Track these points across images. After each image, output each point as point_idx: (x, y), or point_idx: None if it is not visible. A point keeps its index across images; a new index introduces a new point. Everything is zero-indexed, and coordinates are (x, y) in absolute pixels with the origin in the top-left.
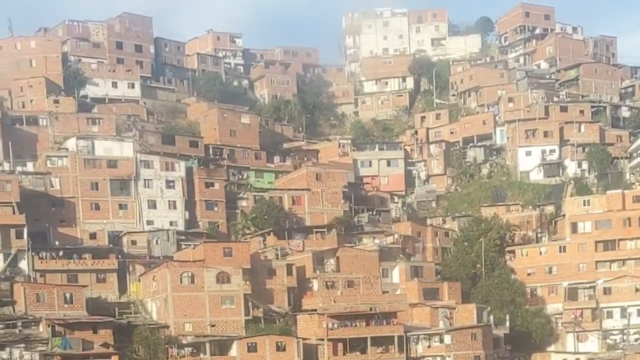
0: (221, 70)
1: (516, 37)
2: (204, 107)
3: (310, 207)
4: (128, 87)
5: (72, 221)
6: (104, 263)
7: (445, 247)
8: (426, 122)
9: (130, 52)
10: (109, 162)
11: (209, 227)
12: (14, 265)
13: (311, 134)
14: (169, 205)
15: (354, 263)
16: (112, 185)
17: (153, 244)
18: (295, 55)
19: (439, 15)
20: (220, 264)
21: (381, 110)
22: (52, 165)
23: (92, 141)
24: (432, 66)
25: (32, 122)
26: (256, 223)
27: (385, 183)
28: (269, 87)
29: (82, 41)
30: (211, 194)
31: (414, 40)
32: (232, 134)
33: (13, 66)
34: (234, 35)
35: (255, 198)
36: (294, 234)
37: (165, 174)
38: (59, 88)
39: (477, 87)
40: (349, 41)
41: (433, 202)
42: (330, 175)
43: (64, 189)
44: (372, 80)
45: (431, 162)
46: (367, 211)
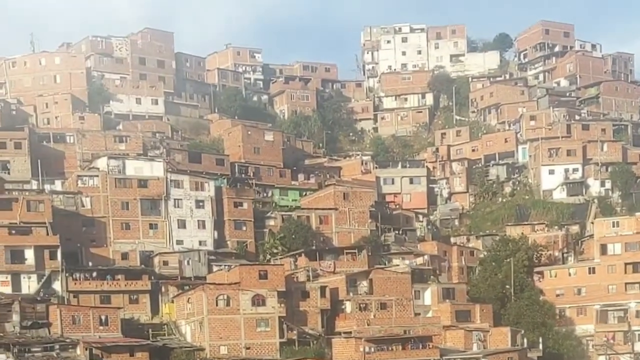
0: (241, 85)
1: (536, 55)
2: (227, 124)
3: (337, 226)
4: (152, 103)
5: (102, 241)
6: (137, 284)
7: (471, 266)
8: (446, 139)
9: (153, 67)
10: (140, 182)
11: (238, 247)
12: (48, 287)
13: (330, 149)
14: (198, 225)
15: (387, 285)
16: (143, 205)
17: (184, 264)
18: (314, 70)
19: (458, 32)
20: (255, 287)
21: (401, 126)
22: (83, 185)
23: (123, 161)
24: (451, 83)
25: (60, 140)
26: (284, 242)
27: (408, 201)
28: (288, 103)
29: (105, 57)
30: (240, 214)
31: (433, 56)
32: (256, 151)
33: (37, 82)
34: (254, 50)
35: (283, 217)
36: (325, 255)
37: (195, 194)
38: (83, 104)
39: (497, 105)
40: (367, 57)
41: (456, 220)
42: (357, 194)
43: (94, 209)
44: (391, 96)
45: (453, 179)
46: (393, 230)
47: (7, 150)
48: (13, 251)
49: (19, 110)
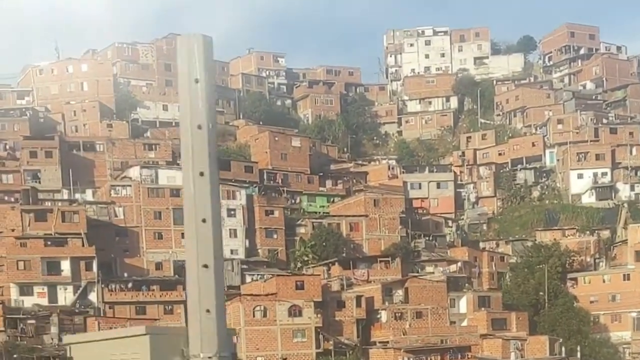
0: (265, 90)
1: (561, 57)
2: (253, 130)
3: (367, 233)
4: (178, 109)
5: (135, 251)
6: (171, 294)
7: (501, 271)
8: (472, 143)
9: None
10: (172, 191)
11: (269, 255)
12: (84, 298)
13: (355, 153)
14: (229, 234)
15: (422, 294)
16: (175, 214)
17: None
18: (337, 74)
19: (482, 34)
20: (292, 297)
21: (425, 129)
22: (116, 195)
23: (156, 170)
24: (475, 86)
25: (89, 148)
26: (315, 250)
27: (435, 205)
28: (312, 107)
29: (131, 63)
30: (271, 222)
31: (456, 59)
32: (283, 157)
33: (64, 89)
34: (277, 55)
35: (314, 225)
36: (359, 264)
37: (227, 202)
38: (111, 112)
39: (523, 108)
40: (390, 60)
41: (484, 225)
42: (388, 201)
43: (127, 219)
44: (415, 100)
45: (481, 184)
46: (424, 236)
47: (37, 160)
48: (49, 262)
49: (47, 118)
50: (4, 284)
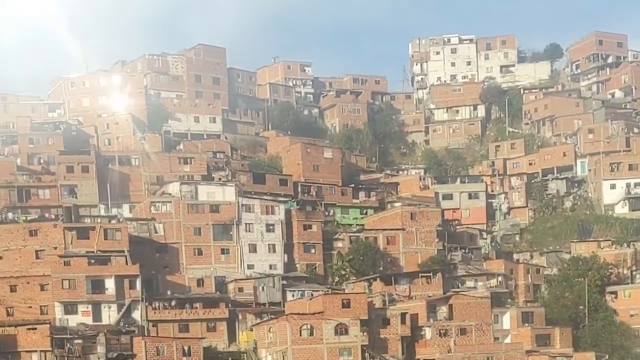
0: (292, 99)
1: (589, 65)
2: (284, 141)
3: (404, 246)
4: (210, 121)
5: (175, 267)
6: (214, 312)
7: (537, 284)
8: (501, 152)
9: (208, 84)
10: (212, 207)
11: (307, 270)
12: (128, 316)
13: (382, 163)
14: (268, 249)
15: (466, 310)
16: (215, 230)
17: (259, 290)
18: (364, 83)
19: (508, 42)
20: (338, 316)
21: (452, 138)
22: (156, 211)
23: (195, 186)
24: (503, 94)
25: (125, 162)
26: (353, 264)
27: (467, 216)
28: (339, 116)
29: (161, 74)
30: (309, 236)
31: (482, 67)
32: (315, 168)
33: (96, 102)
34: (304, 64)
35: (351, 239)
36: (400, 279)
37: (266, 218)
38: (144, 124)
39: (552, 117)
40: (416, 68)
41: (517, 236)
42: (425, 214)
43: (167, 235)
44: (442, 108)
45: (512, 194)
46: (460, 249)
47: (74, 175)
48: (94, 281)
49: (80, 131)
50: (48, 302)
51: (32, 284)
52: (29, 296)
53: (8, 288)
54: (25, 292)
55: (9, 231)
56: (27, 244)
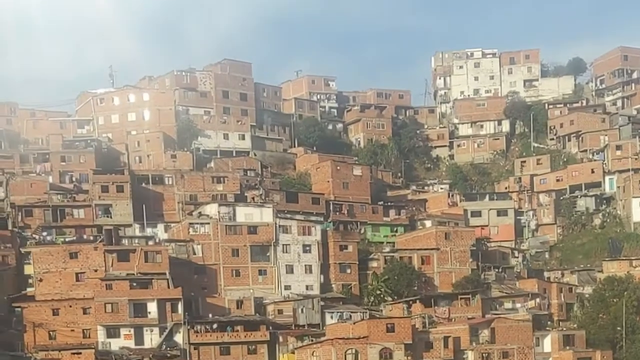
0: (317, 114)
1: (614, 80)
2: (313, 158)
3: (439, 266)
4: (239, 138)
5: (213, 288)
6: (255, 335)
7: (570, 302)
8: (527, 168)
9: (236, 100)
10: (250, 228)
11: (343, 290)
12: (170, 339)
13: (407, 177)
14: (305, 270)
15: (508, 333)
16: (252, 251)
17: (298, 312)
18: (387, 97)
19: (532, 57)
20: (383, 340)
21: (477, 153)
22: (194, 232)
23: (234, 207)
24: (527, 109)
25: (158, 181)
26: (388, 284)
27: (495, 233)
28: (364, 131)
29: (189, 91)
30: (345, 257)
31: (506, 81)
32: (345, 186)
33: (125, 119)
34: (328, 79)
35: (386, 259)
36: (439, 301)
37: (303, 238)
38: (174, 142)
39: (578, 132)
40: (439, 82)
41: (546, 253)
42: (459, 233)
43: (206, 256)
44: (467, 123)
45: (541, 211)
46: (493, 268)
47: (109, 194)
48: (136, 304)
49: (110, 148)
50: (90, 326)
51: (74, 307)
52: (72, 320)
53: (50, 311)
54: (68, 315)
55: (49, 253)
56: (67, 267)
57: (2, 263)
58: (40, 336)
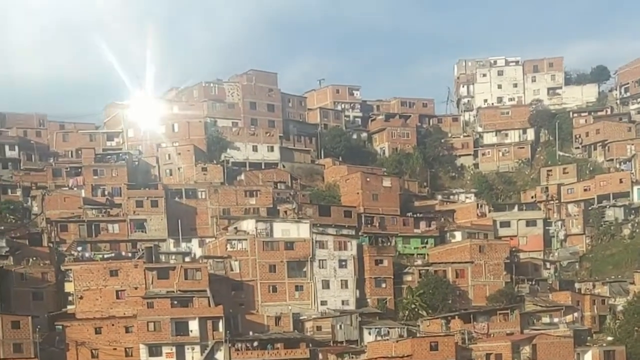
0: (342, 124)
1: (639, 89)
2: (341, 170)
3: (473, 279)
4: (268, 150)
5: (250, 305)
6: (295, 352)
7: (602, 314)
8: (553, 177)
9: (263, 111)
10: (286, 244)
11: (378, 305)
12: (211, 357)
13: (432, 187)
14: (341, 285)
15: (550, 350)
16: (289, 267)
17: (337, 328)
18: (411, 106)
19: (556, 65)
20: (426, 358)
21: (502, 162)
22: (231, 249)
23: (271, 223)
24: (552, 117)
25: (191, 195)
26: (423, 299)
27: (524, 244)
28: (389, 140)
29: (217, 102)
30: (380, 271)
31: (529, 89)
32: (374, 197)
33: (154, 131)
34: (353, 88)
35: (420, 272)
36: (478, 316)
37: (339, 254)
38: (204, 154)
39: (604, 141)
40: (462, 90)
41: (576, 264)
42: (493, 246)
43: (243, 272)
44: (491, 132)
45: (569, 221)
46: (527, 281)
47: (143, 209)
48: (178, 323)
49: (141, 161)
50: (133, 344)
51: (116, 325)
52: (114, 338)
53: (93, 330)
54: (110, 334)
55: (89, 271)
56: (107, 284)
57: (42, 280)
58: (83, 355)
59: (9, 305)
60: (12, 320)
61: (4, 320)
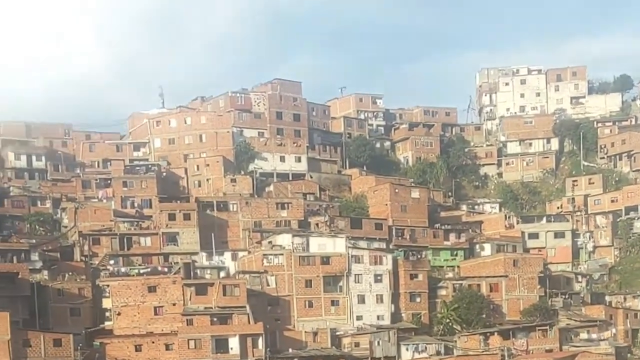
0: (365, 133)
1: None
2: (369, 181)
3: (507, 293)
4: (295, 160)
5: (287, 320)
6: None
7: (636, 328)
8: (578, 187)
9: (289, 121)
10: (323, 259)
11: (413, 319)
12: None
13: (456, 196)
14: (376, 300)
15: None
16: (325, 282)
17: (375, 344)
18: (434, 115)
19: (579, 74)
20: None
21: (526, 172)
22: (268, 263)
23: (307, 238)
24: (576, 127)
25: (223, 208)
26: (458, 313)
27: (552, 255)
28: (412, 149)
29: (244, 112)
30: (415, 285)
31: (552, 98)
32: (403, 209)
33: (182, 141)
34: (376, 96)
35: (455, 287)
36: (517, 332)
37: (374, 268)
38: (232, 165)
39: (629, 152)
40: (485, 99)
41: (605, 276)
42: (527, 260)
43: (279, 287)
44: (515, 141)
45: (598, 232)
46: (561, 294)
47: (176, 222)
48: (218, 340)
49: (169, 172)
50: None
51: (157, 343)
52: (154, 356)
53: (133, 347)
54: (150, 351)
55: (127, 287)
56: (145, 300)
57: (79, 295)
58: None
59: (46, 321)
60: (54, 338)
61: (46, 339)
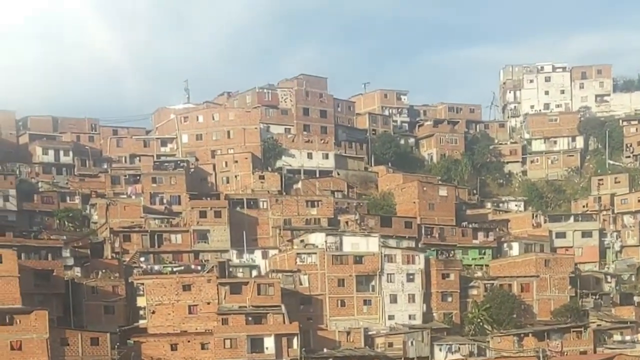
0: (390, 129)
1: None
2: (396, 178)
3: (538, 293)
4: (322, 157)
5: (319, 319)
6: None
7: None
8: (604, 186)
9: (316, 117)
10: (355, 258)
11: (444, 319)
12: None
13: (480, 194)
14: (408, 299)
15: None
16: (357, 281)
17: (408, 345)
18: (459, 111)
19: (604, 72)
20: None
21: (551, 170)
22: (301, 262)
23: (341, 237)
24: (601, 125)
25: (253, 206)
26: (490, 313)
27: (579, 255)
28: (437, 146)
29: (271, 108)
30: (447, 285)
31: (577, 96)
32: (431, 207)
33: (209, 137)
34: (400, 93)
35: (486, 286)
36: (551, 334)
37: (406, 267)
38: (260, 162)
39: None
40: (509, 96)
41: (633, 276)
42: (558, 260)
43: (312, 287)
44: (540, 139)
45: (625, 232)
46: (591, 295)
47: (206, 219)
48: (253, 339)
49: (197, 168)
50: None
51: (192, 342)
52: (190, 355)
53: (168, 347)
54: (186, 350)
55: (161, 285)
56: (180, 299)
57: (113, 293)
58: None
59: (81, 319)
60: (91, 337)
61: (84, 337)
